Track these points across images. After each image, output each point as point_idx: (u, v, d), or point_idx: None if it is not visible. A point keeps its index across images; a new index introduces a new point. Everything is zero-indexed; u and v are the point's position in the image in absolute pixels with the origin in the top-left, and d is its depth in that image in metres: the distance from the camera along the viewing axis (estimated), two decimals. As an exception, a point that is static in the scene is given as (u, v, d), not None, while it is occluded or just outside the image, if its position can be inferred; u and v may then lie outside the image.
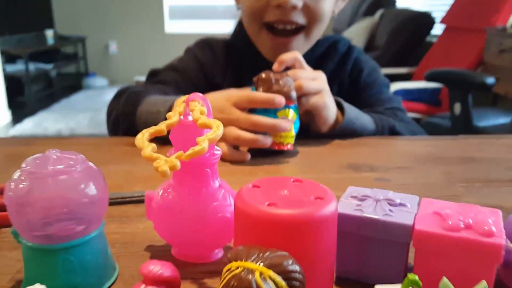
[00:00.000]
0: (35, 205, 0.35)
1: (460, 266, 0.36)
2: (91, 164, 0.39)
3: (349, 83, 0.91)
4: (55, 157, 0.37)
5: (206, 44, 0.96)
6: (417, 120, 2.47)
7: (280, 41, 0.81)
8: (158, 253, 0.45)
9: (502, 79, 2.46)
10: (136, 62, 5.40)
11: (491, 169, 0.67)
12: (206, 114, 0.40)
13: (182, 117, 0.41)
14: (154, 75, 0.94)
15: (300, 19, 0.79)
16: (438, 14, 3.42)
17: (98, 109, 4.14)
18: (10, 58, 4.64)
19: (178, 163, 0.34)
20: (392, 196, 0.41)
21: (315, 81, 0.73)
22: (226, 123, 0.65)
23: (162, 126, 0.39)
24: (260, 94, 0.67)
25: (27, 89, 4.32)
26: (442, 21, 3.17)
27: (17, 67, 4.52)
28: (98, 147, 0.78)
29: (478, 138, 0.84)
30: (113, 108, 0.87)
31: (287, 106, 0.68)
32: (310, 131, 0.79)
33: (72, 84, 5.26)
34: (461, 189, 0.59)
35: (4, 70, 4.14)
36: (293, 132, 0.70)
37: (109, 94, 4.91)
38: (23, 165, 0.36)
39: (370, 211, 0.39)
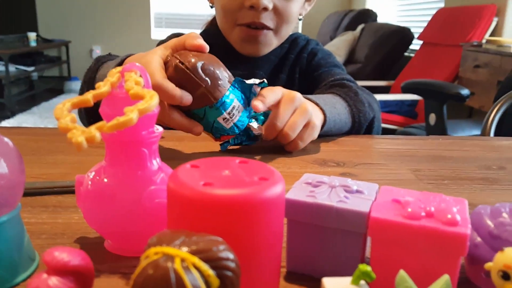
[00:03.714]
0: None
1: (420, 258, 0.32)
2: (6, 140, 0.34)
3: (306, 66, 0.95)
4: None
5: None
6: (393, 131, 2.47)
7: (252, 33, 0.84)
8: (89, 245, 0.40)
9: (477, 93, 2.48)
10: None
11: (461, 167, 0.64)
12: (142, 86, 0.35)
13: (117, 89, 0.37)
14: None
15: (270, 22, 0.83)
16: (416, 30, 3.46)
17: (79, 113, 4.06)
18: (-10, 59, 4.53)
19: (97, 135, 0.29)
20: (350, 183, 0.37)
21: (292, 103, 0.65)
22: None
23: (88, 96, 0.34)
24: (168, 87, 0.55)
25: (6, 91, 4.20)
26: (420, 37, 3.21)
27: (-2, 68, 4.41)
28: (49, 137, 0.73)
29: (449, 138, 0.81)
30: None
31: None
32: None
33: (54, 87, 5.15)
34: (429, 186, 0.56)
35: (-17, 71, 4.03)
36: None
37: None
38: None
39: (323, 198, 0.35)
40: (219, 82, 0.58)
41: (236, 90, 0.60)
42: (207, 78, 0.57)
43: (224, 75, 0.59)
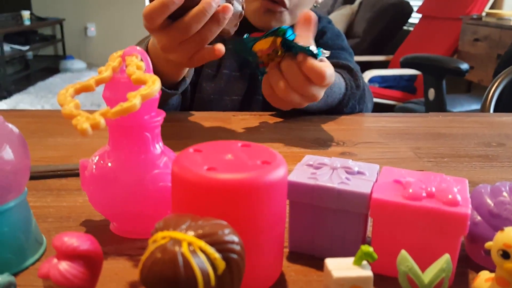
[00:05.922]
0: None
1: (421, 238, 0.32)
2: (11, 126, 0.34)
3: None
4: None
5: None
6: (391, 106, 2.46)
7: (270, 6, 0.83)
8: (95, 228, 0.41)
9: (476, 67, 2.47)
10: (116, 45, 5.27)
11: (460, 145, 0.64)
12: (143, 70, 0.35)
13: (119, 73, 0.37)
14: None
15: (288, 1, 0.82)
16: (415, 3, 3.41)
17: (76, 92, 4.04)
18: (-16, 39, 4.46)
19: (102, 121, 0.29)
20: (351, 164, 0.37)
21: None
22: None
23: (90, 81, 0.34)
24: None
25: (2, 71, 4.14)
26: (419, 11, 3.17)
27: (-8, 47, 4.35)
28: (48, 119, 0.73)
29: (448, 115, 0.82)
30: None
31: None
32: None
33: (49, 66, 5.09)
34: (429, 164, 0.56)
35: (-23, 51, 3.98)
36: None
37: (87, 77, 4.78)
38: None
39: (325, 179, 0.35)
40: None
41: None
42: None
43: None
